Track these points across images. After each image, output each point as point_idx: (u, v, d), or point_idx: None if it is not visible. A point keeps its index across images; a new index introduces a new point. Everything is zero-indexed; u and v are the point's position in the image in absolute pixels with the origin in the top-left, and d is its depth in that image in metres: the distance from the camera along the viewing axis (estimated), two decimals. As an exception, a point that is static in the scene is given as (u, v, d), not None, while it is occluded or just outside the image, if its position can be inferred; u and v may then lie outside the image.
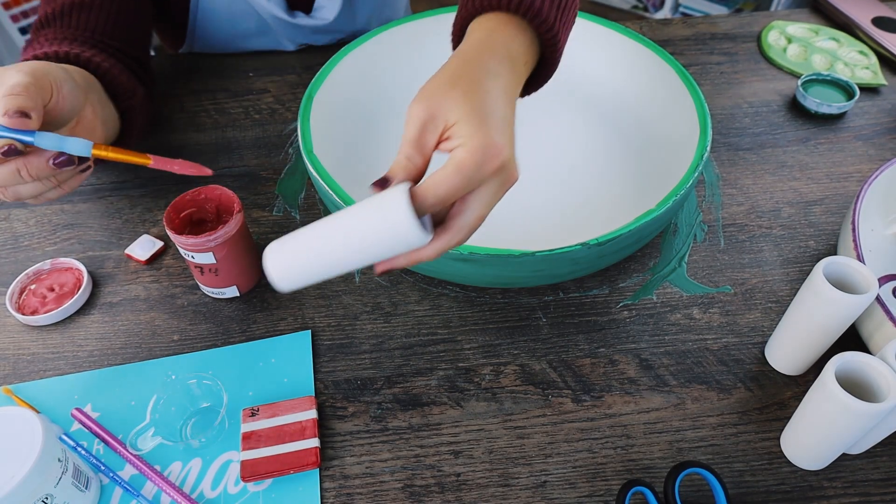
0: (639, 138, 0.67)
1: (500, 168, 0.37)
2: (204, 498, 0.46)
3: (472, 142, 0.36)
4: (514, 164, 0.39)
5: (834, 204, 0.64)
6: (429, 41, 0.73)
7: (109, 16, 0.63)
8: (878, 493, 0.45)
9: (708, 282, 0.58)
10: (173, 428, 0.49)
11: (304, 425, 0.48)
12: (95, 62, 0.57)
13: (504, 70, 0.40)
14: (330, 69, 0.67)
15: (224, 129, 0.76)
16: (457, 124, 0.37)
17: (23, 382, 0.53)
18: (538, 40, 0.44)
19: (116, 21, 0.64)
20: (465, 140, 0.36)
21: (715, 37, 0.87)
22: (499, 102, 0.38)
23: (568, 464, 0.47)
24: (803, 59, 0.83)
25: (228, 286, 0.57)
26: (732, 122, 0.74)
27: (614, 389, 0.51)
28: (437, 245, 0.38)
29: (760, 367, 0.52)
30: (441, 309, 0.57)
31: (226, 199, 0.56)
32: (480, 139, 0.36)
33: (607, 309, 0.56)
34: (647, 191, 0.60)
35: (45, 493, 0.40)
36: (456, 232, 0.38)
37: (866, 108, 0.76)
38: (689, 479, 0.45)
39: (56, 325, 0.57)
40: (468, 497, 0.46)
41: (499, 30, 0.42)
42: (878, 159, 0.69)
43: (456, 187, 0.36)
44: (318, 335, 0.56)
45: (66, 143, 0.45)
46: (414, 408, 0.51)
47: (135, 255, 0.61)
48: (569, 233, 0.53)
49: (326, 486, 0.46)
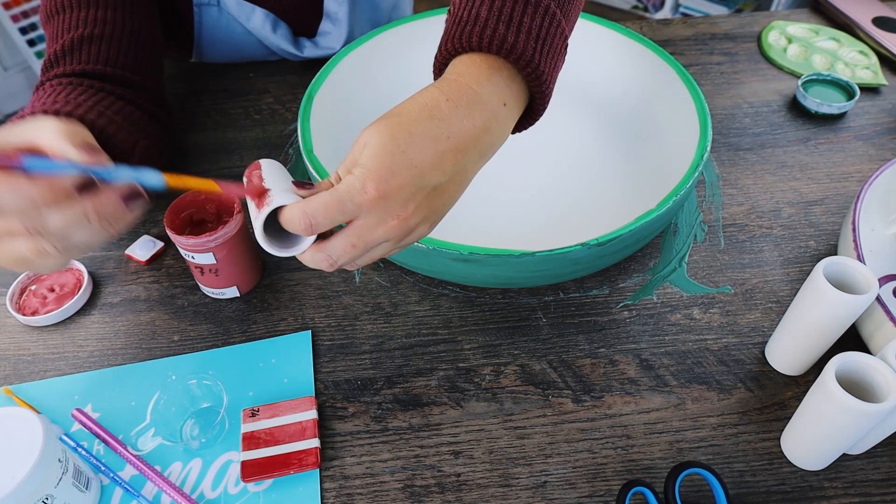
0: (639, 138, 0.67)
1: (376, 203, 0.36)
2: (204, 498, 0.46)
3: (358, 170, 0.36)
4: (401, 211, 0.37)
5: (834, 204, 0.64)
6: (428, 41, 0.73)
7: (120, 46, 0.60)
8: (878, 494, 0.45)
9: (708, 282, 0.58)
10: (173, 428, 0.49)
11: (305, 426, 0.48)
12: (90, 119, 0.51)
13: (456, 115, 0.38)
14: (330, 69, 0.67)
15: (224, 130, 0.76)
16: (362, 152, 0.37)
17: (23, 383, 0.53)
18: (521, 77, 0.42)
19: (126, 50, 0.60)
20: (356, 168, 0.37)
21: (715, 37, 0.87)
22: (415, 146, 0.37)
23: (568, 464, 0.47)
24: (803, 59, 0.83)
25: (229, 286, 0.57)
26: (733, 122, 0.74)
27: (614, 390, 0.51)
28: (306, 254, 0.39)
29: (761, 368, 0.52)
30: (441, 309, 0.57)
31: (226, 200, 0.56)
32: (366, 169, 0.36)
33: (607, 309, 0.56)
34: (647, 191, 0.60)
35: (46, 493, 0.40)
36: (320, 250, 0.38)
37: (866, 108, 0.76)
38: (690, 479, 0.45)
39: (56, 325, 0.57)
40: (468, 497, 0.46)
41: (468, 73, 0.40)
42: (879, 159, 0.69)
43: (323, 207, 0.36)
44: (318, 335, 0.56)
45: (143, 175, 0.38)
46: (414, 408, 0.51)
47: (135, 255, 0.61)
48: (569, 233, 0.53)
49: (327, 487, 0.46)
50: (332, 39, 0.81)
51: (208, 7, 0.77)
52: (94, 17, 0.59)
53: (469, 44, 0.41)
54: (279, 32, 0.79)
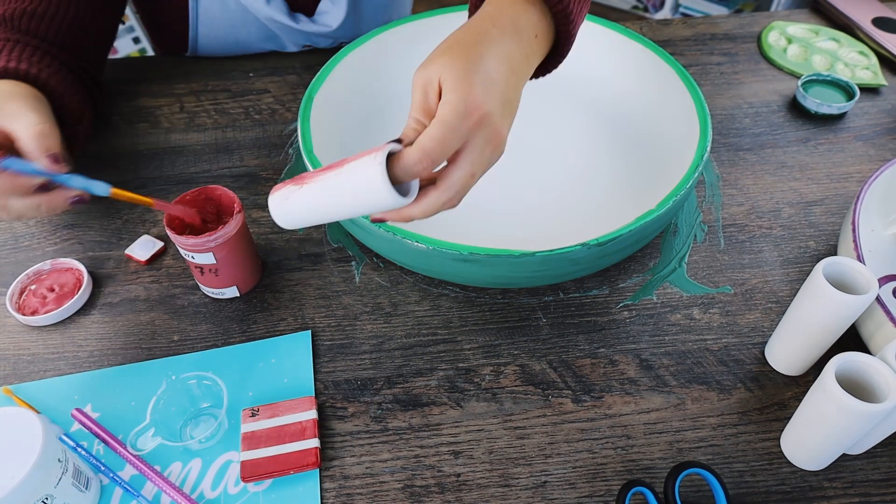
0: (639, 138, 0.67)
1: (481, 122, 0.38)
2: (204, 498, 0.46)
3: (453, 95, 0.37)
4: (499, 125, 0.39)
5: (834, 204, 0.64)
6: (429, 41, 0.72)
7: (62, 26, 0.63)
8: (878, 494, 0.45)
9: (708, 282, 0.58)
10: (173, 428, 0.49)
11: (305, 426, 0.48)
12: (51, 85, 0.57)
13: (505, 39, 0.41)
14: (330, 69, 0.67)
15: (224, 130, 0.76)
16: (444, 82, 0.38)
17: (23, 383, 0.53)
18: (550, 15, 0.44)
19: (69, 31, 0.64)
20: (448, 95, 0.38)
21: (715, 37, 0.87)
22: (489, 64, 0.39)
23: (568, 464, 0.47)
24: (803, 59, 0.83)
25: (228, 286, 0.57)
26: (732, 122, 0.74)
27: (614, 390, 0.51)
28: (424, 203, 0.39)
29: (760, 368, 0.52)
30: (441, 309, 0.57)
31: (226, 200, 0.56)
32: (460, 93, 0.37)
33: (607, 309, 0.56)
34: (647, 191, 0.60)
35: (46, 493, 0.40)
36: (445, 190, 0.39)
37: (866, 108, 0.76)
38: (690, 479, 0.45)
39: (56, 325, 0.57)
40: (468, 497, 0.46)
41: (508, 3, 0.43)
42: (879, 159, 0.69)
43: (438, 140, 0.37)
44: (318, 335, 0.56)
45: (92, 186, 0.48)
46: (414, 408, 0.51)
47: (135, 255, 0.61)
48: (569, 233, 0.53)
49: (326, 487, 0.46)
50: (329, 18, 0.81)
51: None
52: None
53: None
54: (273, 4, 0.78)
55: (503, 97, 0.39)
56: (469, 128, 0.37)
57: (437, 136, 0.37)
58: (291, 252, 0.62)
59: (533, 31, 0.43)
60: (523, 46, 0.42)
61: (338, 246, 0.63)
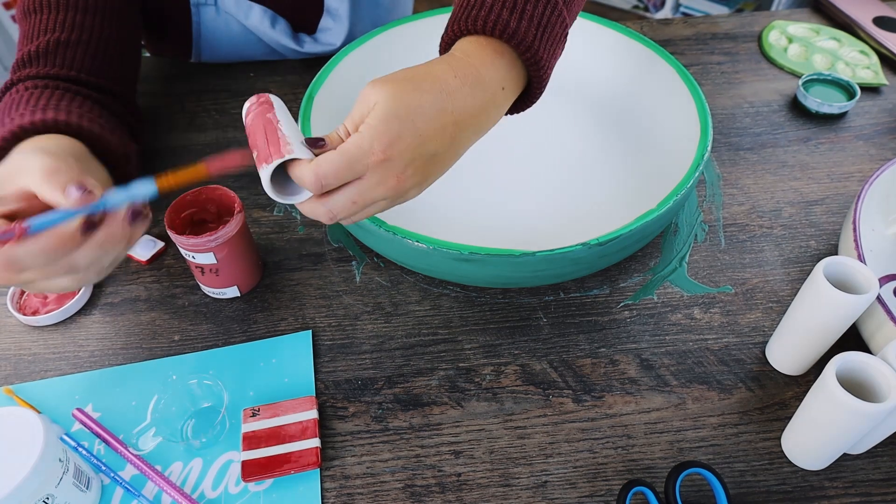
0: (639, 138, 0.67)
1: (380, 164, 0.38)
2: (205, 498, 0.46)
3: (367, 130, 0.38)
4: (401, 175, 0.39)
5: (835, 204, 0.64)
6: (429, 41, 0.73)
7: (96, 53, 0.60)
8: (878, 493, 0.45)
9: (709, 282, 0.58)
10: (174, 428, 0.49)
11: (305, 425, 0.48)
12: (87, 129, 0.51)
13: (463, 92, 0.41)
14: (330, 69, 0.67)
15: (225, 129, 0.76)
16: (373, 111, 0.39)
17: (24, 383, 0.53)
18: (521, 62, 0.44)
19: (102, 58, 0.60)
20: (364, 126, 0.38)
21: (716, 37, 0.87)
22: (424, 115, 0.39)
23: (569, 464, 0.47)
24: (804, 58, 0.83)
25: (229, 286, 0.57)
26: (733, 121, 0.74)
27: (615, 389, 0.51)
28: (306, 206, 0.41)
29: (761, 367, 0.52)
30: (441, 309, 0.57)
31: (226, 200, 0.56)
32: (374, 132, 0.38)
33: (608, 309, 0.56)
34: (647, 191, 0.60)
35: (46, 493, 0.40)
36: (324, 204, 0.40)
37: (867, 107, 0.76)
38: (690, 479, 0.45)
39: (57, 325, 0.57)
40: (469, 497, 0.46)
41: (474, 54, 0.42)
42: (879, 159, 0.69)
43: (334, 170, 0.38)
44: (318, 335, 0.56)
45: (133, 191, 0.40)
46: (415, 408, 0.51)
47: (135, 255, 0.62)
48: (569, 233, 0.53)
49: (327, 487, 0.46)
50: (332, 35, 0.81)
51: (206, 7, 0.77)
52: (73, 21, 0.59)
53: (474, 27, 0.43)
54: (278, 28, 0.78)
55: (422, 151, 0.39)
56: (367, 165, 0.38)
57: (333, 165, 0.38)
58: (292, 252, 0.62)
59: (499, 83, 0.42)
60: (484, 100, 0.42)
61: (338, 246, 0.63)
